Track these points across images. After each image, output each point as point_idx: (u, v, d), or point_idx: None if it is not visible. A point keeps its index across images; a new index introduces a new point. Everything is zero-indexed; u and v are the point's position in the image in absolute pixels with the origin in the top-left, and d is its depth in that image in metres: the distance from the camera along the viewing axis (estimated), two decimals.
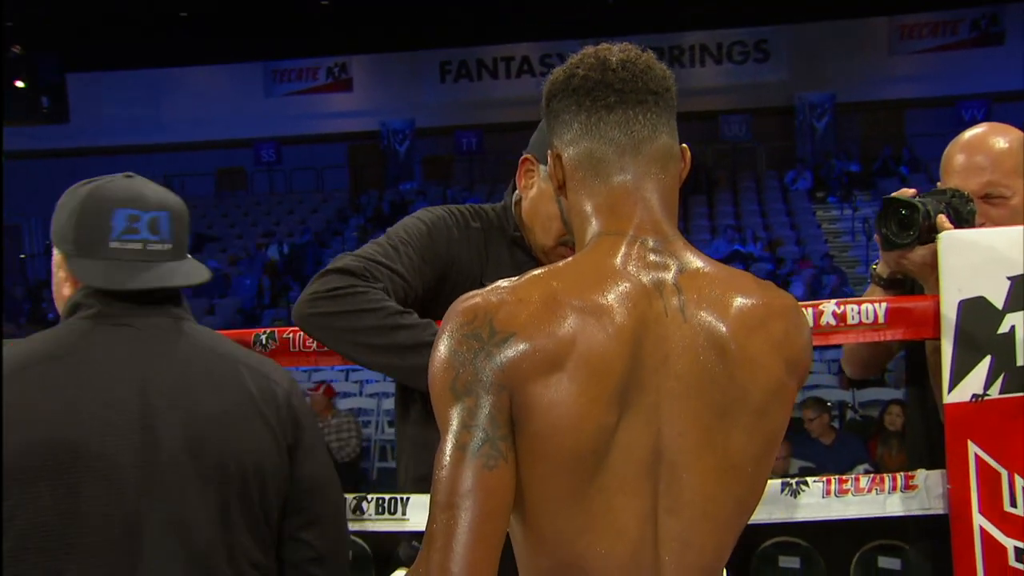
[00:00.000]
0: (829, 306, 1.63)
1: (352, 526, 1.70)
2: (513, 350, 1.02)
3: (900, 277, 1.79)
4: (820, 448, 6.03)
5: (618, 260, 1.10)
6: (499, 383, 1.02)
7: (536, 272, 1.09)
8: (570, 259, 1.14)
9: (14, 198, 18.53)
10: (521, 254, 1.70)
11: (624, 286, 1.08)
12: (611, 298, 1.06)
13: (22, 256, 18.57)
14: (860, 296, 1.77)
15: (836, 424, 7.23)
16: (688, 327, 1.09)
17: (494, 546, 1.00)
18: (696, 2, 16.84)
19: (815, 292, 11.77)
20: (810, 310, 1.62)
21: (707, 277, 1.12)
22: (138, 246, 1.42)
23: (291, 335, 1.72)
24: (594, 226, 1.15)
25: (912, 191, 1.71)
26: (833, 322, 1.63)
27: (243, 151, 18.63)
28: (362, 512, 1.70)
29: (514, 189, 1.73)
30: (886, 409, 6.46)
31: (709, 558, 1.12)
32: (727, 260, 12.95)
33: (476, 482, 1.00)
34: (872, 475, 1.67)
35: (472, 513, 0.99)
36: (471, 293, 1.08)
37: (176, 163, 18.51)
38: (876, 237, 1.71)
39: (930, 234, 1.64)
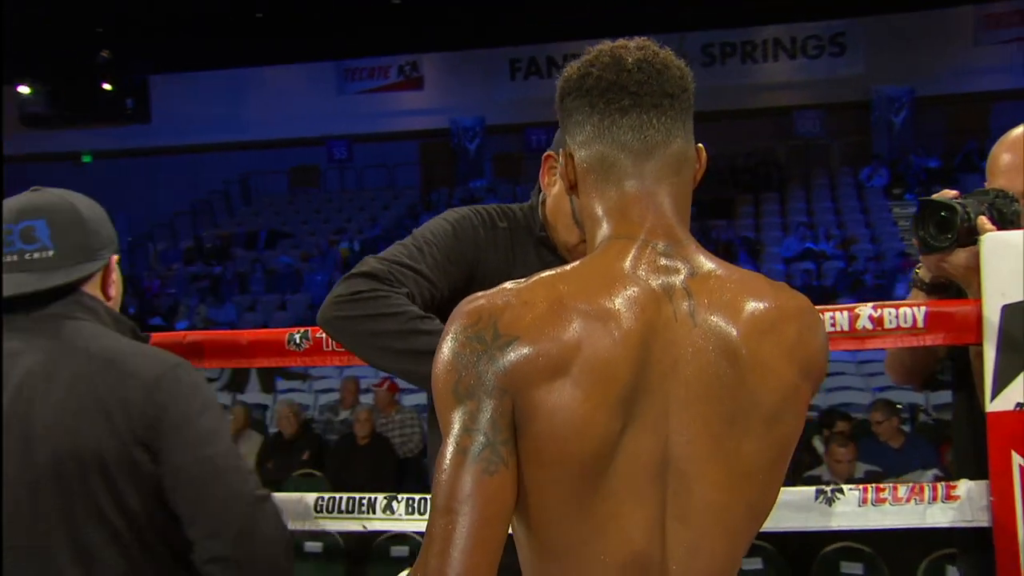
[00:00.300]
0: (866, 310, 1.59)
1: (383, 525, 1.72)
2: (516, 354, 1.01)
3: (943, 282, 1.73)
4: (888, 452, 5.86)
5: (627, 264, 1.08)
6: (501, 387, 1.01)
7: (543, 275, 1.08)
8: (578, 262, 1.12)
9: (97, 196, 19.11)
10: (548, 254, 1.70)
11: (632, 290, 1.06)
12: (618, 303, 1.04)
13: None
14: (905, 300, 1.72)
15: (907, 427, 7.04)
16: (698, 332, 1.07)
17: (492, 551, 1.00)
18: None
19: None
20: (846, 314, 1.58)
21: (718, 281, 1.10)
22: (14, 257, 1.46)
23: (324, 335, 1.75)
24: (604, 229, 1.13)
25: (954, 192, 1.65)
26: (870, 326, 1.58)
27: (316, 149, 18.93)
28: (392, 511, 1.71)
29: (540, 189, 1.73)
30: None
31: (719, 567, 1.10)
32: (798, 258, 12.73)
33: (475, 487, 0.99)
34: (911, 484, 1.61)
35: (471, 518, 0.98)
36: (477, 295, 1.07)
37: (252, 161, 18.95)
38: (914, 240, 1.65)
39: (971, 236, 1.59)
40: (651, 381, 1.04)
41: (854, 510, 1.61)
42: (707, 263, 1.11)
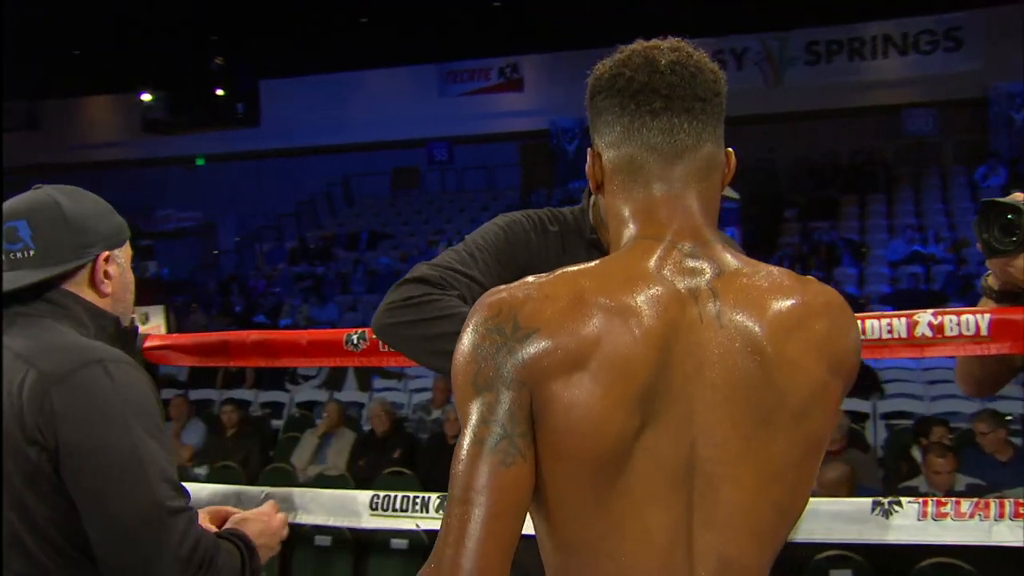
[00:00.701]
0: (925, 316, 1.53)
1: (437, 525, 1.73)
2: (535, 346, 1.02)
3: (1014, 290, 1.64)
4: (994, 464, 5.60)
5: (652, 263, 1.08)
6: (520, 379, 1.02)
7: (567, 270, 1.09)
8: (603, 259, 1.12)
9: (209, 198, 19.92)
10: (598, 255, 1.68)
11: (656, 290, 1.05)
12: (641, 301, 1.04)
13: (215, 252, 19.91)
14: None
15: (1018, 440, 6.70)
16: (724, 332, 1.06)
17: (508, 543, 1.00)
18: None
19: None
20: (904, 320, 1.52)
21: (745, 279, 1.09)
22: (2, 257, 1.51)
23: None
24: (630, 230, 1.13)
25: (1022, 195, 1.57)
26: (929, 333, 1.52)
27: (417, 151, 19.21)
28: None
29: (590, 192, 1.72)
30: None
31: (750, 573, 1.08)
32: (906, 262, 12.27)
33: (492, 478, 0.99)
34: (976, 500, 1.54)
35: (487, 510, 0.99)
36: (499, 287, 1.08)
37: (355, 163, 19.37)
38: (979, 244, 1.58)
39: None
40: (674, 383, 1.04)
41: (913, 524, 1.55)
42: (734, 262, 1.10)
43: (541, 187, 18.64)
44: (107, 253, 1.55)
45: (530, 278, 1.08)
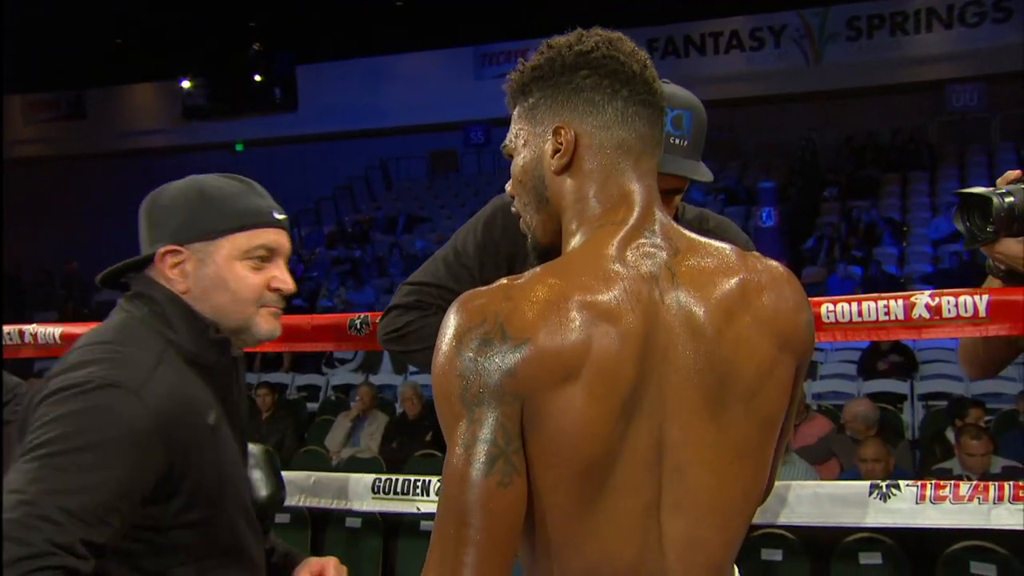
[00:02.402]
0: (922, 298, 1.51)
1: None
2: (528, 357, 0.99)
3: (1019, 271, 1.61)
4: None
5: (618, 251, 1.08)
6: (512, 392, 0.99)
7: (539, 270, 1.07)
8: (572, 254, 1.11)
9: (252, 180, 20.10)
10: None
11: (628, 282, 1.05)
12: (618, 297, 1.03)
13: None
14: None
15: None
16: (682, 313, 1.06)
17: (507, 564, 0.99)
18: None
19: None
20: (900, 302, 1.50)
21: (695, 258, 1.09)
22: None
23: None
24: (594, 214, 1.12)
25: (1017, 173, 1.54)
26: (927, 315, 1.50)
27: (454, 134, 19.20)
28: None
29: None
30: None
31: (718, 555, 1.09)
32: (948, 240, 12.03)
33: (489, 501, 0.97)
34: (974, 482, 1.52)
35: (485, 533, 0.96)
36: (475, 292, 1.06)
37: (392, 147, 19.42)
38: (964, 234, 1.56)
39: (1015, 224, 1.49)
40: (647, 371, 1.04)
41: (911, 507, 1.54)
42: (685, 242, 1.11)
43: None
44: (172, 247, 1.47)
45: (505, 281, 1.06)
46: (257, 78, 20.77)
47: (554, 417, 0.99)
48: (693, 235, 1.13)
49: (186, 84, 21.17)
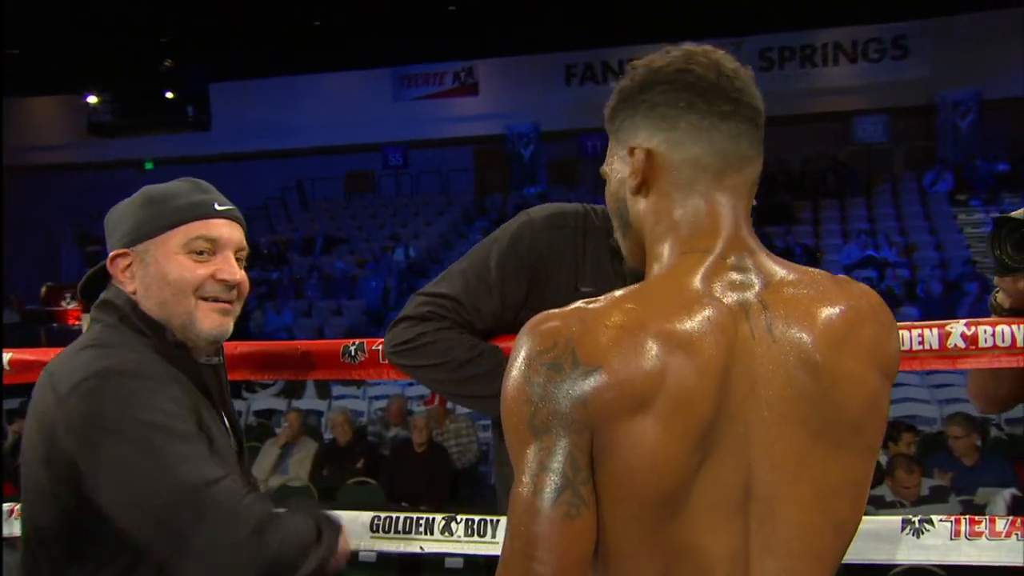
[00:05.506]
0: (958, 327, 1.47)
1: (442, 547, 1.65)
2: (598, 385, 0.94)
3: None
4: (960, 468, 5.64)
5: (702, 281, 1.02)
6: (582, 421, 0.94)
7: (617, 295, 1.01)
8: (652, 280, 1.05)
9: None
10: (620, 263, 1.60)
11: (710, 311, 0.99)
12: (699, 327, 0.97)
13: None
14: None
15: (979, 442, 6.77)
16: (777, 347, 1.00)
17: None
18: None
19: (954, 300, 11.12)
20: (936, 331, 1.47)
21: (791, 288, 1.04)
22: None
23: (379, 347, 1.69)
24: (678, 239, 1.06)
25: None
26: (962, 344, 1.47)
27: (372, 155, 19.07)
28: (451, 533, 1.65)
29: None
30: None
31: None
32: (860, 266, 12.44)
33: (557, 533, 0.92)
34: (1011, 518, 1.50)
35: (553, 568, 0.92)
36: (548, 314, 1.00)
37: (308, 167, 19.13)
38: (994, 264, 1.52)
39: None
40: (731, 407, 0.98)
41: (945, 543, 1.50)
42: (779, 271, 1.06)
43: (496, 192, 18.60)
44: (118, 251, 1.48)
45: (580, 304, 1.00)
46: (169, 95, 20.20)
47: (625, 448, 0.94)
48: (786, 263, 1.08)
49: (92, 99, 20.48)
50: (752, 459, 0.99)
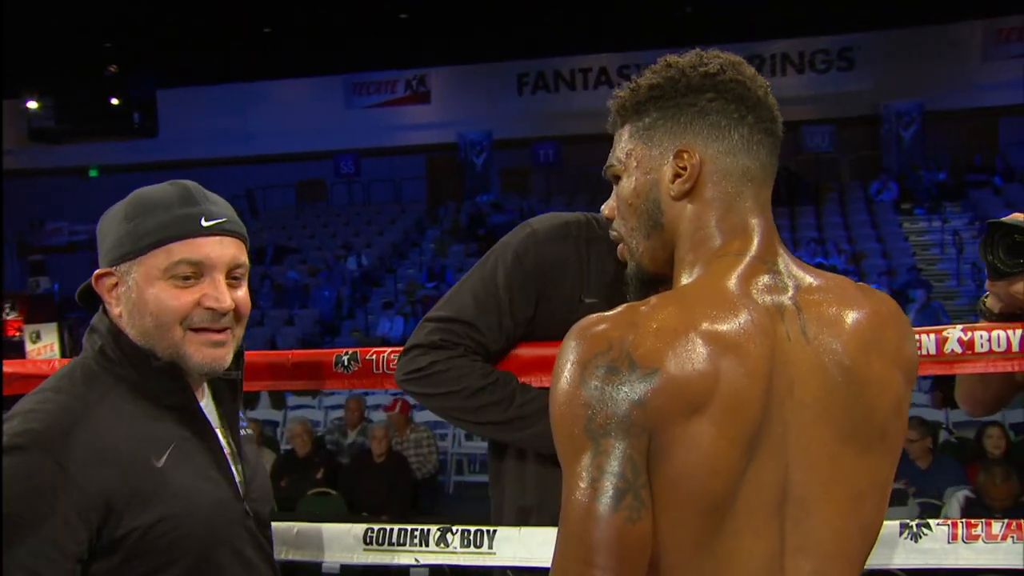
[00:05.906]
0: (955, 332, 1.49)
1: (437, 559, 1.62)
2: (657, 388, 0.94)
3: (1014, 312, 1.60)
4: (915, 471, 5.76)
5: (742, 283, 1.04)
6: (641, 424, 0.94)
7: (657, 299, 1.01)
8: (692, 284, 1.07)
9: (104, 211, 19.13)
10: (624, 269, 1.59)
11: (752, 314, 1.01)
12: (744, 329, 0.99)
13: None
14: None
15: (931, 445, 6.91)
16: (811, 350, 1.02)
17: None
18: (778, 10, 16.50)
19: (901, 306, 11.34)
20: (932, 336, 1.49)
21: (821, 293, 1.06)
22: None
23: (374, 356, 1.67)
24: (717, 243, 1.08)
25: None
26: (959, 349, 1.49)
27: (323, 163, 18.90)
28: (447, 544, 1.62)
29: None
30: (983, 432, 6.13)
31: None
32: None
33: (618, 538, 0.91)
34: (1007, 521, 1.52)
35: (616, 574, 0.91)
36: (597, 317, 1.00)
37: (259, 175, 18.90)
38: (987, 267, 1.53)
39: None
40: (773, 407, 0.99)
41: (943, 547, 1.51)
42: (808, 276, 1.08)
43: (449, 200, 18.57)
44: (103, 270, 1.35)
45: (627, 308, 1.00)
46: (114, 101, 19.81)
47: (681, 452, 0.95)
48: (812, 268, 1.10)
49: (32, 104, 20.02)
50: (789, 460, 1.00)
